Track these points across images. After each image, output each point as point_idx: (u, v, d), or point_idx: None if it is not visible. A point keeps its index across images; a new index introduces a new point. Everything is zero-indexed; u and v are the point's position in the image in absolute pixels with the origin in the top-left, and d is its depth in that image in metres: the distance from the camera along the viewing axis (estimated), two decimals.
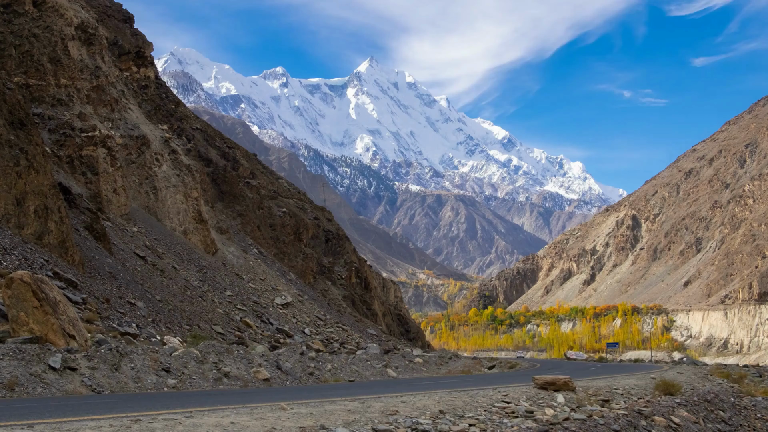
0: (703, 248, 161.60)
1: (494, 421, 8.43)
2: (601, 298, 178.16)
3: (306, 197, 65.97)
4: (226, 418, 7.05)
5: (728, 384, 21.27)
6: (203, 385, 13.51)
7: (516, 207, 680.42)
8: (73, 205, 26.76)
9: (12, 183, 20.54)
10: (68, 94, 32.32)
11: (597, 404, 11.41)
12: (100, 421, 6.47)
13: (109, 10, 46.88)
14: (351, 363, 21.95)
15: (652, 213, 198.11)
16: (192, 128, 53.62)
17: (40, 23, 31.94)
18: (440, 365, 30.81)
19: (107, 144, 32.59)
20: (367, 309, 56.80)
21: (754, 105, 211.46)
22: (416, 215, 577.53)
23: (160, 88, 50.60)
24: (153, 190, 36.71)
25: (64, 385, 10.51)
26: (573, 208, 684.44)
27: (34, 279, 12.28)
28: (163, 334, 20.71)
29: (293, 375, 17.19)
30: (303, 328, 35.10)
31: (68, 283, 18.67)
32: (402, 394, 10.97)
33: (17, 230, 20.24)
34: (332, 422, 7.24)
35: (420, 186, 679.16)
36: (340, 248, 59.46)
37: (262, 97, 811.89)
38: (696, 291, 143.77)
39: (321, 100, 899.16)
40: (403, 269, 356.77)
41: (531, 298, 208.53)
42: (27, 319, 11.99)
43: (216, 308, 29.51)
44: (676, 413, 11.71)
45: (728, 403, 15.61)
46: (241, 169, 55.69)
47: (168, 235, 34.99)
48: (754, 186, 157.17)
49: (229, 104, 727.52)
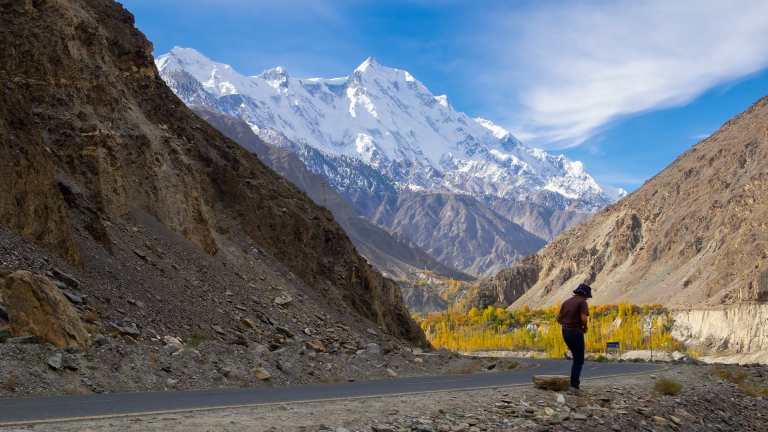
0: (703, 248, 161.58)
1: (494, 421, 8.43)
2: (601, 297, 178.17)
3: (306, 197, 65.98)
4: (226, 417, 7.05)
5: (728, 384, 21.25)
6: (203, 384, 13.51)
7: (516, 207, 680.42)
8: (73, 205, 26.75)
9: (12, 183, 20.54)
10: (68, 94, 32.31)
11: (597, 404, 11.41)
12: (100, 420, 6.47)
13: (109, 10, 46.88)
14: (351, 363, 21.95)
15: (652, 213, 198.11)
16: (192, 128, 53.63)
17: (40, 23, 31.94)
18: (440, 365, 30.81)
19: (107, 144, 32.58)
20: (367, 309, 56.80)
21: (754, 105, 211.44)
22: (416, 215, 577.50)
23: (160, 88, 50.60)
24: (153, 190, 36.71)
25: (64, 385, 10.51)
26: (573, 208, 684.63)
27: (34, 279, 12.28)
28: (163, 333, 20.71)
29: (293, 375, 17.19)
30: (303, 328, 35.10)
31: (68, 283, 18.67)
32: (402, 394, 10.97)
33: (17, 230, 20.24)
34: (332, 422, 7.24)
35: (420, 186, 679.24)
36: (340, 248, 59.46)
37: (262, 96, 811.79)
38: (696, 291, 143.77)
39: (321, 99, 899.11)
40: (403, 269, 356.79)
41: (531, 297, 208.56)
42: (27, 319, 11.99)
43: (216, 308, 29.51)
44: (676, 413, 11.71)
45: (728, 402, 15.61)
46: (241, 169, 55.69)
47: (168, 235, 34.99)
48: (754, 186, 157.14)
49: (229, 104, 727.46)
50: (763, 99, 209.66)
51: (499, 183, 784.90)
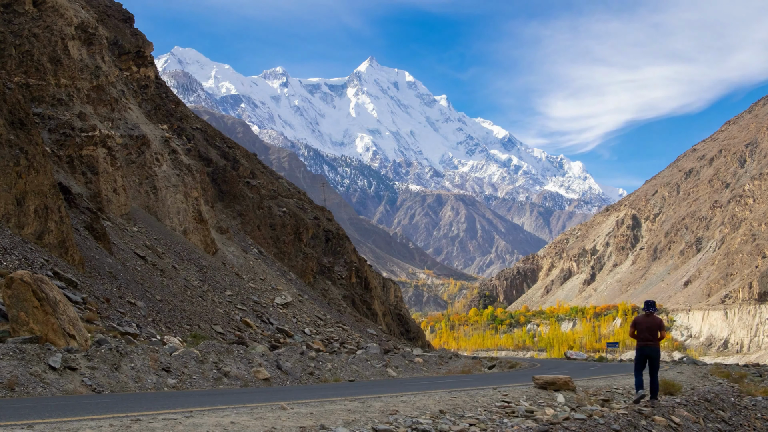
0: (703, 248, 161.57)
1: (494, 421, 8.43)
2: (601, 297, 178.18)
3: (306, 197, 65.97)
4: (226, 417, 7.05)
5: (728, 383, 21.25)
6: (203, 384, 13.50)
7: (516, 207, 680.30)
8: (73, 205, 26.75)
9: (12, 183, 20.54)
10: (68, 94, 32.31)
11: (597, 404, 11.41)
12: (100, 420, 6.47)
13: (109, 10, 46.89)
14: (351, 363, 21.94)
15: (652, 213, 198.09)
16: (192, 128, 53.62)
17: (40, 23, 31.93)
18: (440, 365, 30.81)
19: (107, 144, 32.58)
20: (367, 309, 56.80)
21: (754, 105, 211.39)
22: (416, 215, 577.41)
23: (160, 88, 50.61)
24: (153, 190, 36.71)
25: (64, 385, 10.51)
26: (573, 208, 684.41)
27: (34, 279, 12.28)
28: (163, 333, 20.71)
29: (293, 375, 17.18)
30: (303, 328, 35.10)
31: (68, 283, 18.67)
32: (402, 394, 10.97)
33: (17, 230, 20.24)
34: (332, 422, 7.24)
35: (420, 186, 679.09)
36: (340, 248, 59.45)
37: (262, 96, 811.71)
38: (696, 291, 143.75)
39: (321, 99, 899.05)
40: (403, 269, 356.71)
41: (531, 297, 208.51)
42: (27, 319, 11.99)
43: (216, 308, 29.51)
44: (676, 413, 11.71)
45: (728, 402, 15.60)
46: (241, 169, 55.68)
47: (168, 235, 34.98)
48: (755, 186, 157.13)
49: (229, 104, 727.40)
50: (763, 99, 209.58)
51: (499, 183, 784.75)
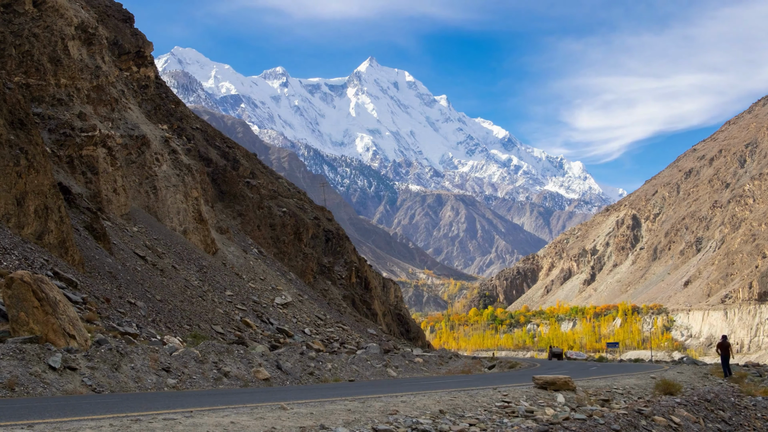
0: (703, 248, 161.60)
1: (494, 421, 8.43)
2: (601, 297, 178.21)
3: (306, 197, 65.99)
4: (226, 417, 7.05)
5: (728, 383, 21.26)
6: (203, 384, 13.50)
7: (516, 207, 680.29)
8: (73, 205, 26.75)
9: (12, 183, 20.54)
10: (68, 94, 32.31)
11: (597, 404, 11.41)
12: (100, 420, 6.47)
13: (109, 10, 46.89)
14: (351, 363, 21.94)
15: (652, 213, 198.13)
16: (192, 128, 53.63)
17: (40, 23, 31.93)
18: (440, 365, 30.81)
19: (107, 144, 32.58)
20: (367, 309, 56.80)
21: (754, 105, 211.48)
22: (416, 215, 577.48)
23: (160, 88, 50.62)
24: (153, 190, 36.71)
25: (64, 385, 10.51)
26: (573, 208, 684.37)
27: (34, 279, 12.28)
28: (163, 333, 20.71)
29: (293, 375, 17.18)
30: (303, 328, 35.10)
31: (68, 283, 18.67)
32: (402, 394, 10.97)
33: (17, 230, 20.24)
34: (332, 422, 7.24)
35: (420, 186, 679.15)
36: (340, 248, 59.46)
37: (262, 96, 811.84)
38: (696, 291, 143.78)
39: (321, 99, 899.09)
40: (403, 269, 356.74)
41: (531, 297, 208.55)
42: (27, 319, 11.99)
43: (216, 308, 29.51)
44: (676, 413, 11.71)
45: (728, 402, 15.60)
46: (241, 169, 55.69)
47: (168, 235, 34.98)
48: (754, 186, 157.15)
49: (229, 104, 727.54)
50: (763, 99, 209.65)
51: (499, 183, 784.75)
